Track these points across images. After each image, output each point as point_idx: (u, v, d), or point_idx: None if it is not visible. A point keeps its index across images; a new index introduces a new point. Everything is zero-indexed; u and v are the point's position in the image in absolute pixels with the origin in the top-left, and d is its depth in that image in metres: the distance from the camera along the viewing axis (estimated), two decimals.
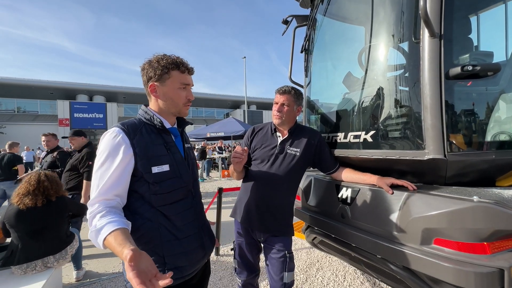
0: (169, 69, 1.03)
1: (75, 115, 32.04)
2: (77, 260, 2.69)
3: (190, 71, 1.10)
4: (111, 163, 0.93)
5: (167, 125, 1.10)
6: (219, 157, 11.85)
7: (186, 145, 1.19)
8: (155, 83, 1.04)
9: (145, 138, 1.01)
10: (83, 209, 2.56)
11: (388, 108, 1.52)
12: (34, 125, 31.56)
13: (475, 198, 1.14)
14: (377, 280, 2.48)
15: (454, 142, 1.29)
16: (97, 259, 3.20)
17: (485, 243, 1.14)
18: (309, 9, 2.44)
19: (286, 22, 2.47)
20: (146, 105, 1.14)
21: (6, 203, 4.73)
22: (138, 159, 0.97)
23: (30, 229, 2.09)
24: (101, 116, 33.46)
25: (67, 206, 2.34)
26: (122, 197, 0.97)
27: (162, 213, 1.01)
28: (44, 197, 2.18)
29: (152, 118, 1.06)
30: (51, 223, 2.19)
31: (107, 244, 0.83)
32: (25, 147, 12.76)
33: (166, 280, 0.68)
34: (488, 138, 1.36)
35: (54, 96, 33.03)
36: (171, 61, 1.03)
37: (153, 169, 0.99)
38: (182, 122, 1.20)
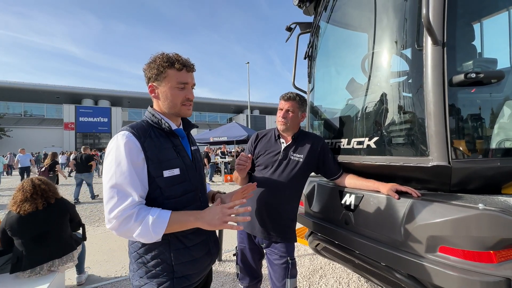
0: (165, 67, 0.98)
1: (80, 119, 32.53)
2: (79, 264, 2.70)
3: (188, 68, 1.02)
4: (123, 168, 0.90)
5: (174, 126, 1.07)
6: (222, 161, 11.86)
7: (192, 148, 1.17)
8: (153, 84, 1.02)
9: (155, 142, 0.98)
10: (80, 224, 2.57)
11: (392, 115, 1.53)
12: (40, 128, 32.03)
13: (481, 205, 1.13)
14: None
15: (458, 149, 1.29)
16: (100, 264, 3.20)
17: (491, 251, 1.12)
18: (312, 16, 2.47)
19: (289, 29, 2.50)
20: (152, 105, 1.11)
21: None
22: (150, 162, 0.94)
23: (34, 233, 2.10)
24: (105, 120, 33.92)
25: (67, 207, 2.36)
26: (144, 198, 0.95)
27: None
28: (44, 200, 2.20)
29: (160, 121, 1.03)
30: (54, 226, 2.21)
31: (173, 224, 0.92)
32: (19, 150, 10.01)
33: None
34: (493, 145, 1.35)
35: (60, 100, 33.59)
36: (166, 59, 0.98)
37: (164, 173, 0.97)
38: (187, 125, 1.18)
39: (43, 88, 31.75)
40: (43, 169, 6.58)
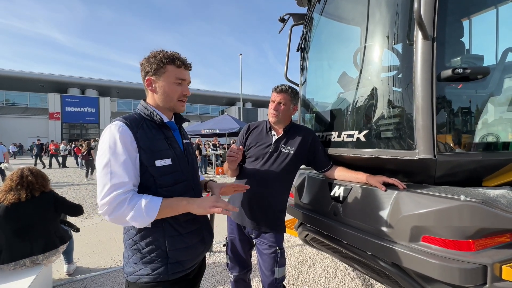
0: (165, 63, 1.04)
1: (67, 108, 31.38)
2: (68, 253, 2.66)
3: (186, 66, 1.10)
4: (118, 156, 0.93)
5: (165, 119, 1.11)
6: (214, 154, 11.83)
7: (184, 141, 1.20)
8: (151, 77, 1.06)
9: (147, 133, 1.02)
10: (77, 210, 2.48)
11: (381, 108, 1.55)
12: (23, 118, 30.79)
13: (462, 197, 1.18)
14: (367, 276, 2.53)
15: (443, 142, 1.33)
16: (88, 256, 3.17)
17: (470, 240, 1.18)
18: (306, 7, 2.45)
19: (283, 20, 2.47)
20: (144, 99, 1.14)
21: None
22: (142, 152, 0.98)
23: (15, 226, 2.04)
24: (93, 110, 32.84)
25: (53, 202, 2.27)
26: (136, 187, 0.99)
27: None
28: (28, 192, 2.13)
29: (152, 114, 1.06)
30: (36, 220, 2.14)
31: (164, 210, 0.95)
32: None
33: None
34: (476, 139, 1.40)
35: (44, 89, 32.22)
36: (166, 55, 1.04)
37: (156, 162, 1.00)
38: (179, 119, 1.21)
39: (26, 76, 30.30)
40: (84, 153, 9.24)
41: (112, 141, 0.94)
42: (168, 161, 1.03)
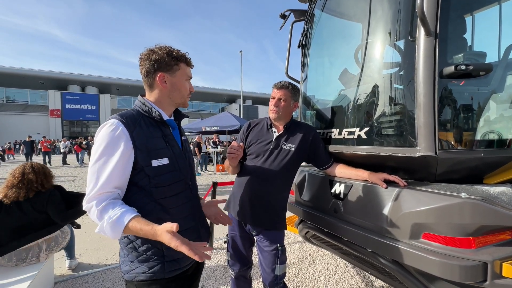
0: (179, 61, 1.07)
1: (67, 106, 31.40)
2: (70, 249, 2.67)
3: (192, 64, 1.16)
4: (110, 156, 0.92)
5: (165, 117, 1.09)
6: (214, 151, 11.84)
7: (182, 138, 1.19)
8: (165, 74, 1.05)
9: (144, 131, 1.00)
10: (79, 198, 2.38)
11: (383, 106, 1.54)
12: (23, 115, 30.80)
13: (463, 194, 1.18)
14: (367, 273, 2.55)
15: (445, 140, 1.32)
16: (90, 252, 3.19)
17: (471, 237, 1.18)
18: (307, 4, 2.42)
19: (284, 16, 2.45)
20: (142, 95, 1.12)
21: None
22: (138, 152, 0.96)
23: (15, 225, 2.04)
24: (93, 107, 32.86)
25: (46, 202, 2.17)
26: (122, 190, 0.97)
27: (162, 206, 1.01)
28: (25, 191, 2.09)
29: (150, 110, 1.04)
30: (35, 221, 2.11)
31: (131, 229, 0.88)
32: None
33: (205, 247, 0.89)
34: (478, 137, 1.39)
35: (45, 86, 32.16)
36: (181, 53, 1.09)
37: (152, 162, 0.98)
38: (178, 115, 1.20)
39: (26, 73, 30.23)
40: None
41: (103, 140, 0.92)
42: (165, 161, 1.01)
